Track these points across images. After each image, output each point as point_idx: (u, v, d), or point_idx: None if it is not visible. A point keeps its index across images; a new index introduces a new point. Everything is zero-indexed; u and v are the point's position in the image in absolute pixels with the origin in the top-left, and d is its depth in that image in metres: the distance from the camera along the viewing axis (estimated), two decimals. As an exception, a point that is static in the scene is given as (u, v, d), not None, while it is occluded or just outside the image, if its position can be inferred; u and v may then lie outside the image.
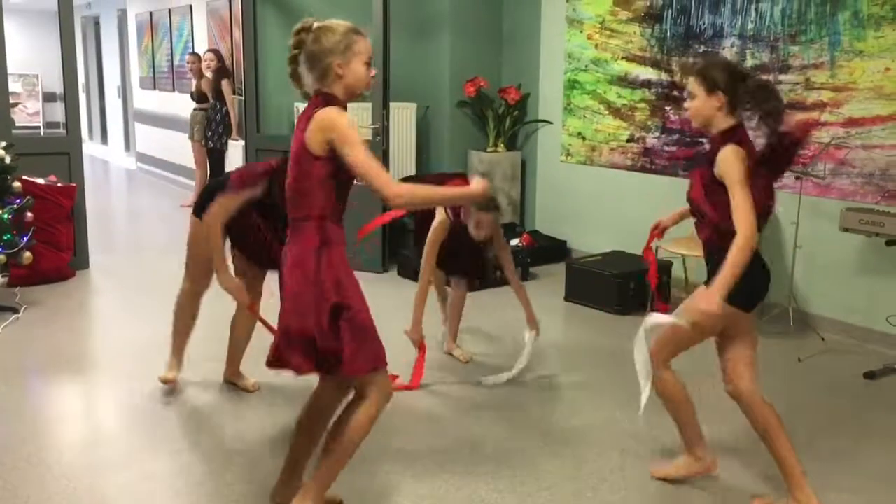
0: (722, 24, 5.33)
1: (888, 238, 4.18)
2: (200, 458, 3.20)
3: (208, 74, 8.34)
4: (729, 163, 2.60)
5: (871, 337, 4.63)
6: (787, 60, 4.96)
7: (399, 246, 6.31)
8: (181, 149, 9.57)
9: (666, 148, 5.78)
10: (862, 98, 4.61)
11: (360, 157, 2.30)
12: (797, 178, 4.75)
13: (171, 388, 3.86)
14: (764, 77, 2.66)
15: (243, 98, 6.73)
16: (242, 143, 6.94)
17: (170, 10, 10.32)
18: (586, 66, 6.31)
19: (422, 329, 3.95)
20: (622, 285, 5.23)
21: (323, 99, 2.39)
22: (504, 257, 4.07)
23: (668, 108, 5.74)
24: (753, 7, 5.13)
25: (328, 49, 2.37)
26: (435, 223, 3.95)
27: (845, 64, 4.67)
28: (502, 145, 6.90)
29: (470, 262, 4.20)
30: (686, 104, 2.76)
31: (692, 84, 2.70)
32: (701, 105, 2.70)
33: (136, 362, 4.26)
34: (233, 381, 3.93)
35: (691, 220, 3.60)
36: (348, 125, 2.33)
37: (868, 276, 4.64)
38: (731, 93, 2.65)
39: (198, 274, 3.76)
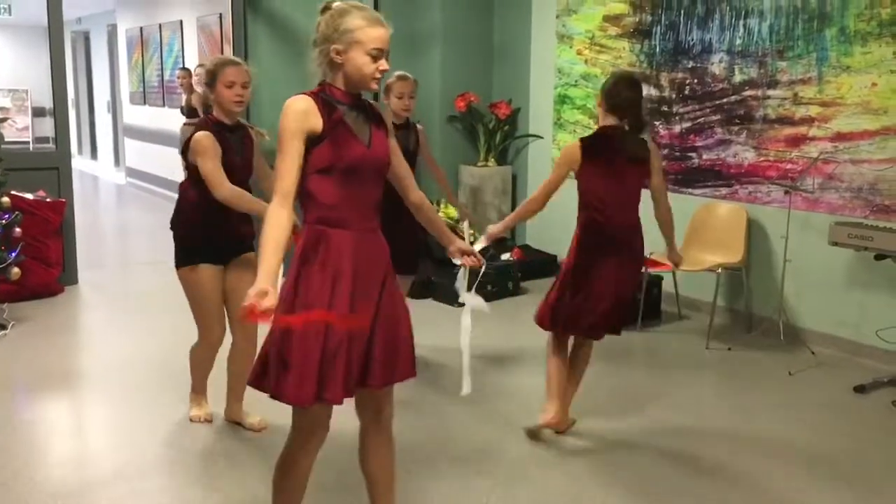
0: (710, 39, 5.37)
1: (877, 252, 4.20)
2: (190, 478, 3.17)
3: (199, 89, 8.33)
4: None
5: (861, 351, 4.65)
6: (776, 76, 5.00)
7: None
8: (171, 164, 9.55)
9: (656, 162, 5.80)
10: (849, 113, 4.64)
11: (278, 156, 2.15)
12: (786, 192, 4.78)
13: (204, 421, 3.66)
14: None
15: (234, 113, 6.72)
16: (233, 157, 6.92)
17: (160, 26, 10.33)
18: (576, 82, 6.34)
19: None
20: (613, 299, 5.23)
21: (318, 89, 2.23)
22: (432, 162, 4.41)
23: (657, 122, 5.76)
24: (741, 23, 5.18)
25: (329, 33, 2.18)
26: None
27: (833, 79, 4.71)
28: (493, 160, 6.91)
29: (406, 251, 4.02)
30: None
31: None
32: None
33: (126, 379, 4.23)
34: (235, 421, 3.63)
35: (676, 231, 3.64)
36: (287, 119, 2.12)
37: (858, 290, 4.66)
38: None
39: (209, 322, 3.52)
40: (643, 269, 4.67)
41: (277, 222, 2.12)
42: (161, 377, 4.24)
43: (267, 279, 2.05)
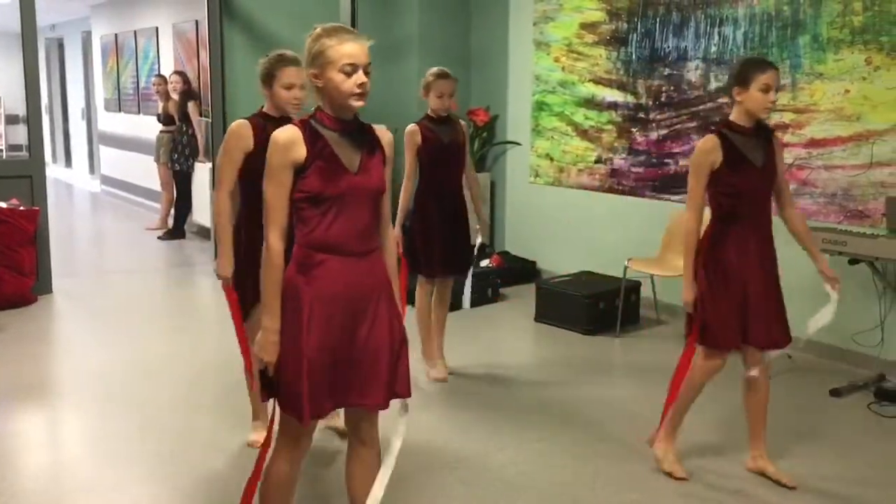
0: (686, 47, 5.42)
1: (851, 257, 4.25)
2: (167, 489, 3.14)
3: (175, 96, 8.28)
4: None
5: (837, 355, 4.69)
6: (750, 83, 5.05)
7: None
8: (147, 171, 9.47)
9: (633, 169, 5.84)
10: (823, 119, 4.70)
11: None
12: (762, 198, 4.82)
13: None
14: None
15: (210, 120, 6.69)
16: (209, 165, 6.88)
17: (135, 32, 10.25)
18: (554, 89, 6.37)
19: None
20: (591, 306, 5.25)
21: (309, 115, 2.22)
22: (472, 177, 4.36)
23: (634, 129, 5.80)
24: (716, 30, 5.23)
25: (309, 60, 2.17)
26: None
27: (806, 86, 4.77)
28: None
29: (461, 251, 4.24)
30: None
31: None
32: None
33: (100, 389, 4.18)
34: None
35: (654, 236, 3.65)
36: (270, 152, 2.12)
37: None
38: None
39: None
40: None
41: (279, 262, 2.16)
42: (136, 387, 4.19)
43: (274, 326, 2.15)
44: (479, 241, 4.33)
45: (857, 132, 4.55)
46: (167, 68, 9.17)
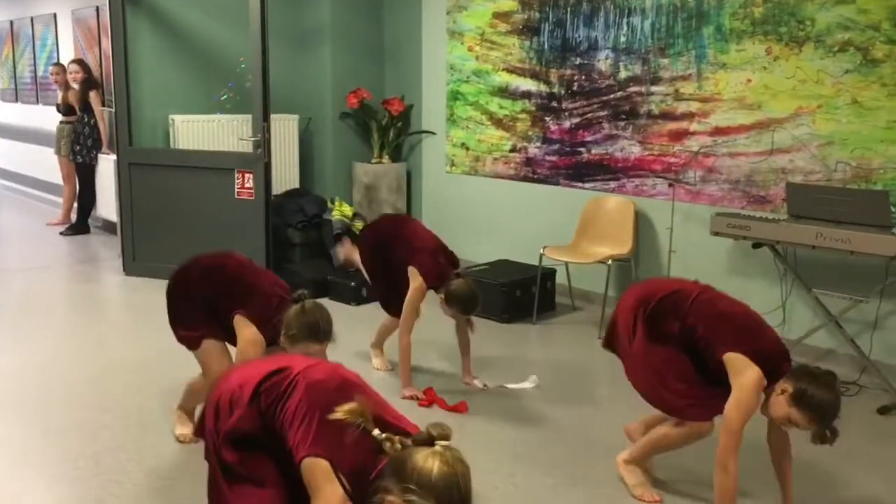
0: (596, 37, 5.51)
1: (754, 241, 4.41)
2: (75, 492, 3.01)
3: (75, 86, 7.94)
4: None
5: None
6: (658, 72, 5.17)
7: (283, 260, 6.19)
8: (47, 164, 9.06)
9: (547, 157, 5.91)
10: (727, 108, 4.85)
11: None
12: (670, 185, 4.96)
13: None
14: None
15: (113, 110, 6.44)
16: (114, 157, 6.64)
17: (32, 19, 9.77)
18: (468, 78, 6.38)
19: (412, 383, 4.01)
20: (508, 293, 5.30)
21: None
22: (463, 331, 4.13)
23: (547, 118, 5.87)
24: (625, 21, 5.33)
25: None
26: (414, 287, 3.95)
27: (711, 76, 4.91)
28: (387, 157, 6.88)
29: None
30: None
31: None
32: None
33: (0, 391, 3.97)
34: None
35: (568, 224, 3.67)
36: None
37: (737, 277, 4.87)
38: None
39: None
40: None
41: None
42: (39, 388, 4.01)
43: None
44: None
45: (758, 120, 4.72)
46: (66, 56, 8.79)
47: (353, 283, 5.63)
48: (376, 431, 1.74)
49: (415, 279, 3.96)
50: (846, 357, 4.43)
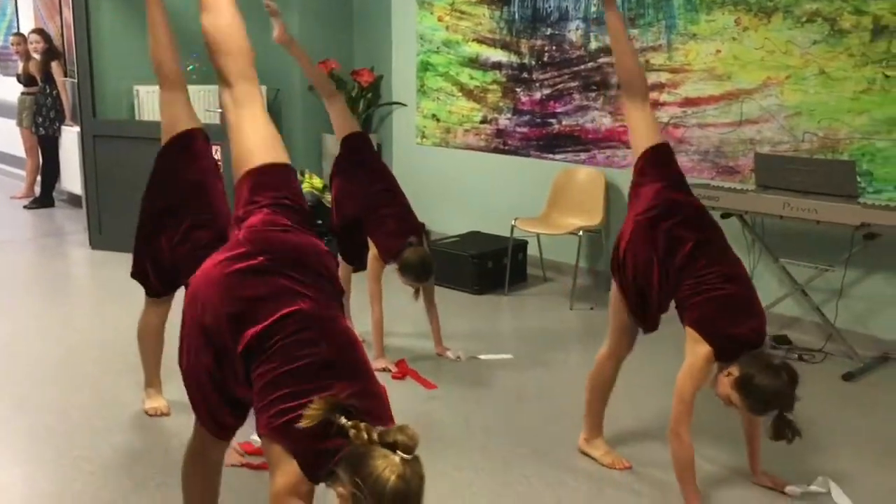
0: (567, 7, 5.48)
1: (723, 211, 4.45)
2: (45, 468, 2.98)
3: (36, 56, 7.76)
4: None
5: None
6: (629, 43, 5.16)
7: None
8: (8, 136, 8.87)
9: (518, 129, 5.89)
10: (696, 79, 4.87)
11: None
12: (641, 156, 4.97)
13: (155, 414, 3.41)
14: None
15: (76, 81, 6.30)
16: (77, 129, 6.51)
17: (-11, -13, 9.51)
18: (438, 48, 6.33)
19: (384, 355, 4.00)
20: (480, 265, 5.31)
21: None
22: (430, 305, 4.15)
23: (518, 89, 5.84)
24: (596, -9, 5.31)
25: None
26: (372, 256, 3.97)
27: (681, 46, 4.91)
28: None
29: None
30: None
31: None
32: None
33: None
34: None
35: (539, 196, 3.66)
36: None
37: (706, 247, 4.91)
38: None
39: None
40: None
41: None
42: (6, 364, 3.96)
43: None
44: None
45: (727, 91, 4.74)
46: (27, 26, 8.57)
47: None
48: (343, 420, 1.72)
49: (371, 249, 3.99)
50: (812, 325, 4.50)
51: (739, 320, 2.71)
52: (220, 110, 5.73)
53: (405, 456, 1.63)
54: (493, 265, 5.37)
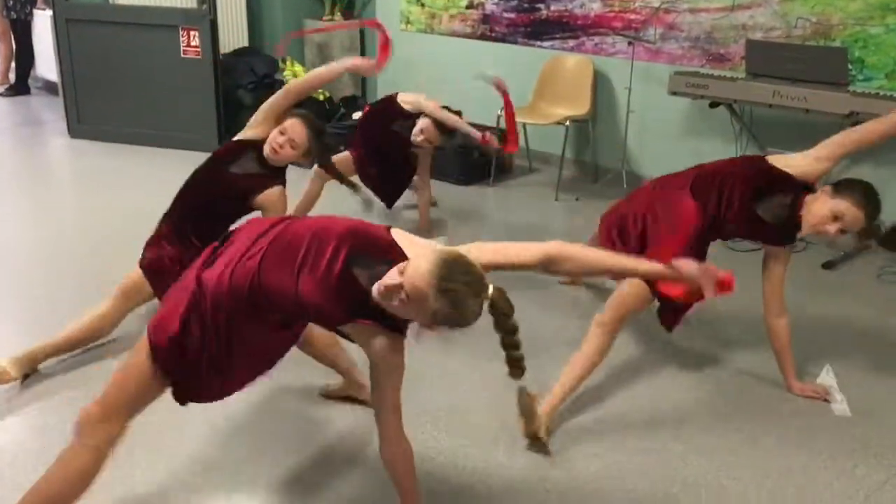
0: None
1: (712, 100, 4.39)
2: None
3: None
4: None
5: (695, 195, 4.92)
6: (621, -77, 4.96)
7: (234, 124, 6.02)
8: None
9: (505, 15, 5.72)
10: (690, -38, 4.71)
11: None
12: (630, 43, 4.86)
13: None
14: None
15: (46, -39, 6.03)
16: (50, 12, 6.27)
17: None
18: (423, -72, 6.07)
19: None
20: (465, 156, 5.26)
21: None
22: (424, 175, 4.36)
23: (506, -28, 5.64)
24: None
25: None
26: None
27: (675, -73, 4.73)
28: (339, 13, 6.60)
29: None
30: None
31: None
32: None
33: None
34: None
35: (526, 85, 3.57)
36: None
37: (693, 137, 4.88)
38: None
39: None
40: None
41: None
42: (-11, 254, 3.95)
43: None
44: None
45: (721, -26, 4.59)
46: None
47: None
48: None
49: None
50: (794, 215, 4.53)
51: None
52: None
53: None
54: (478, 155, 5.32)
